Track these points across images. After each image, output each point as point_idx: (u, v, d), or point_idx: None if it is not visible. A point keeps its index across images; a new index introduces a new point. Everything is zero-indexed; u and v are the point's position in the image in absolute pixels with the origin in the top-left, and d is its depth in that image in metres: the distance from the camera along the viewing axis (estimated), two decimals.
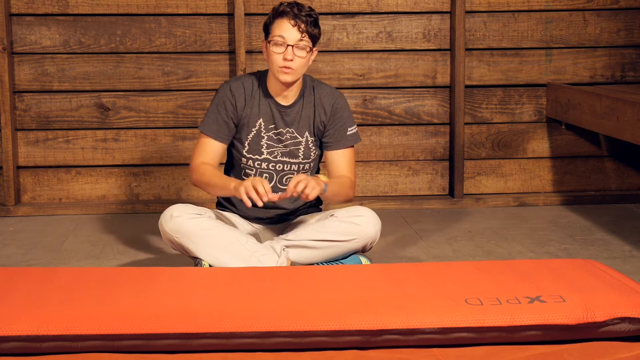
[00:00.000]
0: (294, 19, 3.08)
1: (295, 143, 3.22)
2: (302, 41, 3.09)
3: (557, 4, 4.70)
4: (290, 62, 3.07)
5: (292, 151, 3.22)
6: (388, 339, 2.36)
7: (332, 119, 3.22)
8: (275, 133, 3.20)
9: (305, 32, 3.09)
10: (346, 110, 3.25)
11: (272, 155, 3.21)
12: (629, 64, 4.77)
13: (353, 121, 3.28)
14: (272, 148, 3.21)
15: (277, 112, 3.19)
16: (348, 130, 3.25)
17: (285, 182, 3.24)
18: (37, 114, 4.58)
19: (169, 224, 3.11)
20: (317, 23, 3.14)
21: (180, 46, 4.59)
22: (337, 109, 3.23)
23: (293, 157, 3.23)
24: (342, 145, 3.26)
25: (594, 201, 4.74)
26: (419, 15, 4.67)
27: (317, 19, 3.14)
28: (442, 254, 3.78)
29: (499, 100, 4.75)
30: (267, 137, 3.20)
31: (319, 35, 3.15)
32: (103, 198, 4.65)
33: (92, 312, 2.36)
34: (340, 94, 3.27)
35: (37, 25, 4.53)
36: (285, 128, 3.20)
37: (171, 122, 4.63)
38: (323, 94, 3.24)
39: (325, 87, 3.27)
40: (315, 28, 3.12)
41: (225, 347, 2.35)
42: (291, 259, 3.15)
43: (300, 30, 3.08)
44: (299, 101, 3.21)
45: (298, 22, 3.08)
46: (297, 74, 3.12)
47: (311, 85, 3.25)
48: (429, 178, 4.77)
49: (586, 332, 2.40)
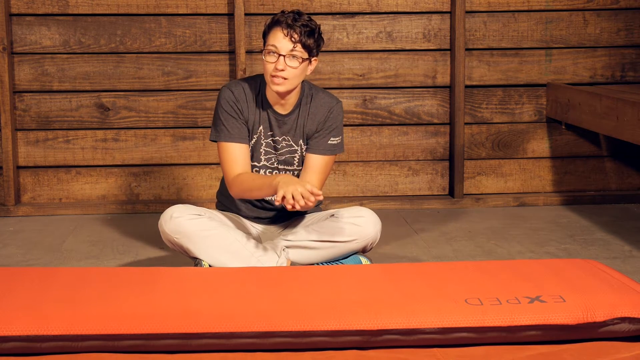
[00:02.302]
0: (286, 28, 3.03)
1: (291, 151, 3.21)
2: (295, 51, 3.03)
3: (557, 4, 4.70)
4: (282, 72, 3.03)
5: (288, 159, 3.21)
6: (388, 339, 2.36)
7: (321, 126, 3.20)
8: (273, 141, 3.20)
9: (299, 42, 3.03)
10: (337, 121, 3.20)
11: (269, 162, 3.21)
12: (629, 64, 4.77)
13: (340, 132, 3.22)
14: (269, 155, 3.21)
15: (275, 120, 3.18)
16: (331, 139, 3.19)
17: None
18: (37, 114, 4.58)
19: (168, 225, 3.11)
20: (314, 33, 3.06)
21: (180, 46, 4.59)
22: (328, 117, 3.19)
23: (289, 165, 3.22)
24: (317, 151, 3.19)
25: (594, 201, 4.74)
26: (419, 15, 4.67)
27: (315, 29, 3.06)
28: (442, 254, 3.78)
29: (499, 100, 4.75)
30: (265, 144, 3.20)
31: (316, 45, 3.08)
32: (103, 198, 4.65)
33: (92, 312, 2.36)
34: (337, 104, 3.21)
35: (37, 25, 4.53)
36: (281, 136, 3.19)
37: (171, 122, 4.63)
38: (320, 103, 3.19)
39: (323, 96, 3.21)
40: (309, 38, 3.04)
41: (225, 347, 2.35)
42: (291, 259, 3.16)
43: (292, 40, 3.03)
44: (296, 110, 3.19)
45: (291, 32, 3.02)
46: (290, 84, 3.07)
47: (309, 93, 3.20)
48: (429, 178, 4.77)
49: (586, 332, 2.40)
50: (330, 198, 4.68)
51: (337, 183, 4.72)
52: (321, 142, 3.19)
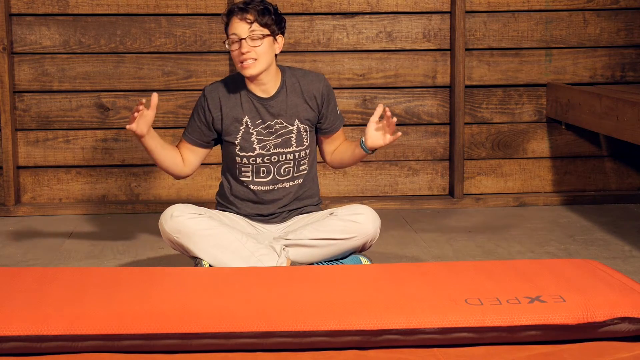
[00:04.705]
0: (240, 13, 3.13)
1: (287, 132, 3.23)
2: (254, 31, 3.11)
3: (557, 4, 4.70)
4: (248, 54, 3.11)
5: (285, 141, 3.23)
6: (388, 339, 2.36)
7: (325, 105, 3.26)
8: (264, 127, 3.21)
9: (255, 22, 3.11)
10: (332, 92, 3.31)
11: (265, 150, 3.22)
12: (629, 64, 4.77)
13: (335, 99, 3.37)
14: (263, 142, 3.22)
15: (261, 106, 3.21)
16: (337, 110, 3.33)
17: (283, 172, 3.25)
18: (37, 114, 4.58)
19: (169, 224, 3.11)
20: (269, 10, 3.14)
21: (180, 46, 4.59)
22: (325, 94, 3.27)
23: (287, 147, 3.23)
24: (338, 126, 3.34)
25: (594, 201, 4.74)
26: (419, 15, 4.67)
27: (268, 6, 3.15)
28: (442, 254, 3.78)
29: (499, 100, 4.75)
30: (257, 133, 3.21)
31: (275, 22, 3.15)
32: (103, 198, 4.65)
33: (92, 312, 2.36)
34: (323, 77, 3.30)
35: (37, 25, 4.53)
36: (273, 120, 3.21)
37: (171, 122, 4.63)
38: (309, 80, 3.25)
39: (309, 75, 3.28)
40: (264, 15, 3.12)
41: (225, 347, 2.35)
42: (291, 258, 3.16)
43: (248, 21, 3.11)
44: (281, 91, 3.22)
45: (244, 15, 3.12)
46: (260, 64, 3.14)
47: (290, 73, 3.27)
48: (429, 178, 4.77)
49: (586, 332, 2.40)
50: (330, 198, 4.68)
51: (337, 183, 4.72)
52: (334, 118, 3.31)
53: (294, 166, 3.26)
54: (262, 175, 3.24)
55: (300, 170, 3.28)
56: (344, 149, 3.35)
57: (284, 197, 3.28)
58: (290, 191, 3.28)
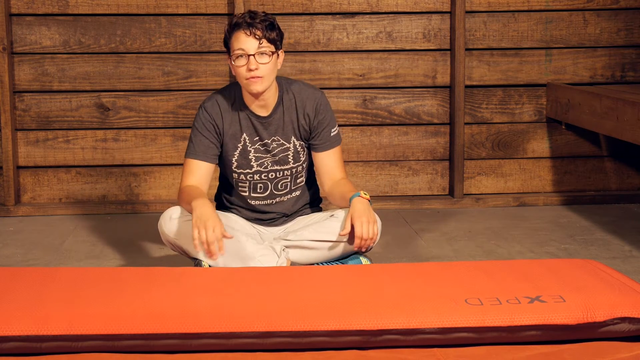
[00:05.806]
0: (248, 28, 3.04)
1: (284, 150, 3.20)
2: (262, 47, 3.04)
3: (557, 4, 4.70)
4: (256, 70, 3.04)
5: (282, 159, 3.21)
6: (388, 339, 2.36)
7: (316, 122, 3.20)
8: (262, 145, 3.19)
9: (263, 38, 3.04)
10: (329, 112, 3.23)
11: (262, 167, 3.20)
12: (629, 64, 4.77)
13: (335, 122, 3.26)
14: (261, 160, 3.20)
15: (259, 124, 3.17)
16: (330, 131, 3.23)
17: (280, 187, 3.24)
18: (37, 114, 4.58)
19: (168, 226, 3.11)
20: (274, 25, 3.08)
21: (180, 46, 4.59)
22: (319, 111, 3.20)
23: (284, 164, 3.22)
24: (329, 146, 3.23)
25: (594, 201, 4.74)
26: (419, 15, 4.67)
27: (273, 21, 3.09)
28: (442, 254, 3.78)
29: (499, 100, 4.75)
30: (254, 150, 3.19)
31: (279, 37, 3.10)
32: (103, 198, 4.65)
33: (92, 312, 2.36)
34: (321, 94, 3.23)
35: (37, 25, 4.53)
36: (270, 138, 3.18)
37: (171, 122, 4.63)
38: (304, 96, 3.19)
39: (305, 89, 3.22)
40: (272, 31, 3.06)
41: (225, 347, 2.35)
42: (291, 259, 3.15)
43: (256, 37, 3.04)
44: (278, 108, 3.18)
45: (253, 30, 3.04)
46: (266, 81, 3.07)
47: (288, 88, 3.20)
48: (429, 178, 4.77)
49: (586, 332, 2.40)
50: None
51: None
52: (324, 137, 3.22)
53: (291, 181, 3.25)
54: (260, 191, 3.24)
55: (297, 184, 3.28)
56: (341, 189, 3.23)
57: (282, 209, 3.28)
58: (288, 203, 3.28)
